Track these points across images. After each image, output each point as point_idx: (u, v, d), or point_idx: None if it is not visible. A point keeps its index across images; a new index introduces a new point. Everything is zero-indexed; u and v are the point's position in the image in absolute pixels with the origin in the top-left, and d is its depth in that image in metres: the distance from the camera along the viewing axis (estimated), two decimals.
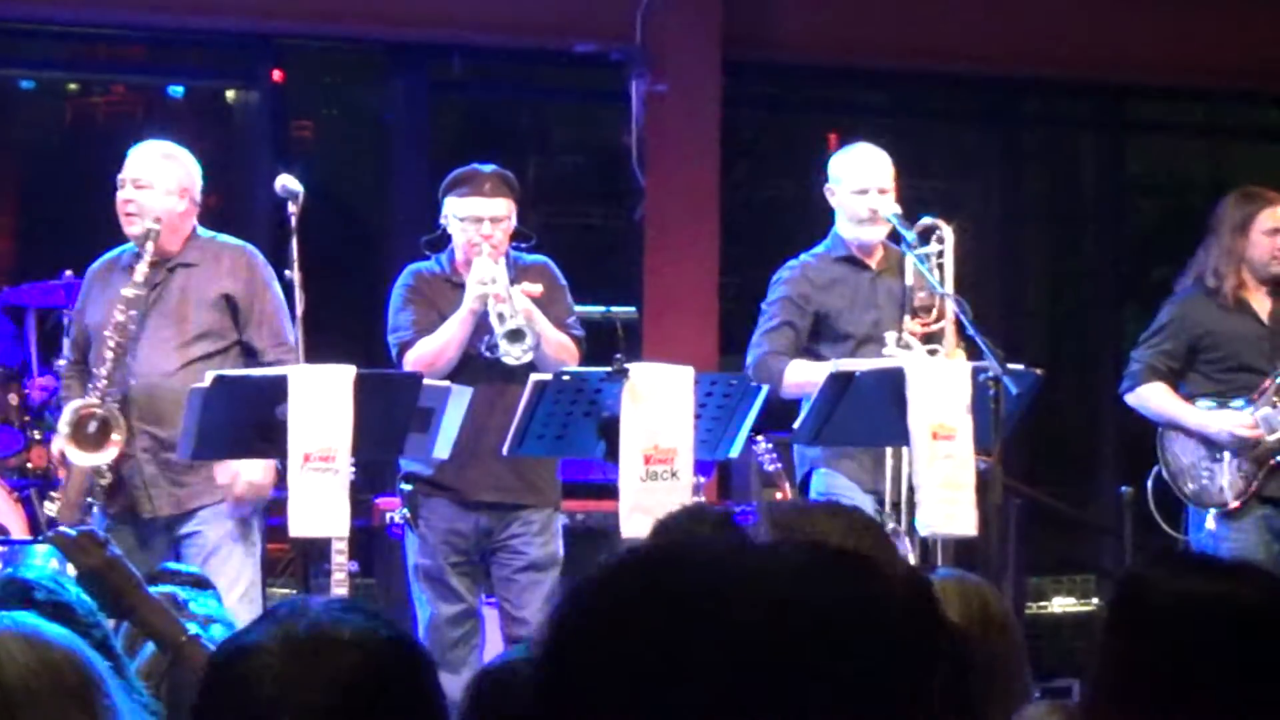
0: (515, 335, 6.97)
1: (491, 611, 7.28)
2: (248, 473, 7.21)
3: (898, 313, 7.30)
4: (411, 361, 7.29)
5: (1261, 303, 7.79)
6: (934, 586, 1.79)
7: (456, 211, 7.40)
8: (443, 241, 7.50)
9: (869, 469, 7.03)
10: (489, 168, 7.53)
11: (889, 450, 7.02)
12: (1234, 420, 7.65)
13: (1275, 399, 7.75)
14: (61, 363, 7.79)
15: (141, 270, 7.19)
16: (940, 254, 7.31)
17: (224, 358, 7.33)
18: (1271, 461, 7.77)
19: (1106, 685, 2.67)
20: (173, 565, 6.34)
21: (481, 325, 7.20)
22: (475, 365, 7.20)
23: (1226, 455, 7.71)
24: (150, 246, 7.19)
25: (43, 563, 5.34)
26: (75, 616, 3.47)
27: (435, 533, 7.28)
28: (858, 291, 7.32)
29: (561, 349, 7.17)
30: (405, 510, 7.48)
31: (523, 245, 7.62)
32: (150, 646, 4.23)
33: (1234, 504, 7.68)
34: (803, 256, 7.53)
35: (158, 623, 4.34)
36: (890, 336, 7.14)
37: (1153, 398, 7.82)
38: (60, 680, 2.75)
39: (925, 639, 1.52)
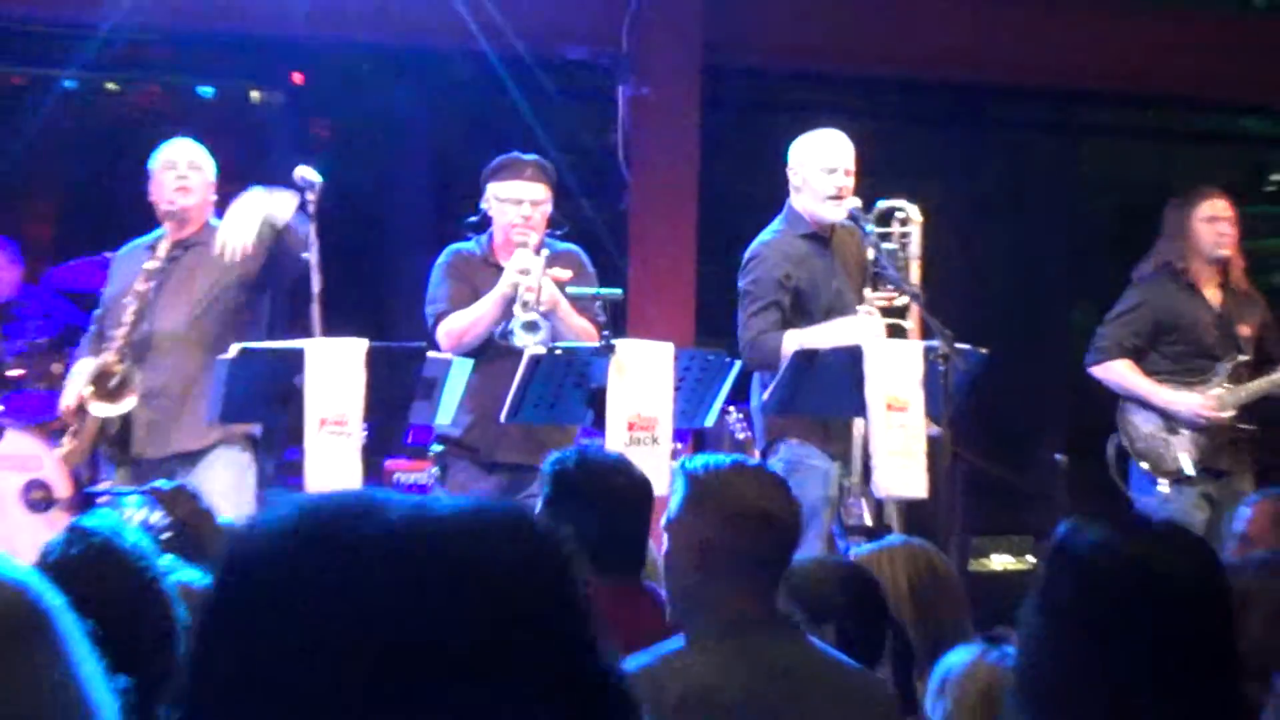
0: (530, 326, 7.07)
1: None
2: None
3: (854, 281, 7.42)
4: (444, 331, 7.41)
5: (1213, 293, 8.11)
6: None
7: (499, 194, 7.51)
8: (482, 225, 7.61)
9: (833, 437, 7.12)
10: (530, 156, 7.65)
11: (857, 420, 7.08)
12: (1198, 402, 7.86)
13: (1228, 383, 7.90)
14: (93, 328, 7.92)
15: (164, 247, 7.53)
16: (905, 235, 7.43)
17: (229, 319, 7.53)
18: (1220, 438, 7.91)
19: (1042, 638, 2.71)
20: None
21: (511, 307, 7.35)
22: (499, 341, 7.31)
23: (1184, 430, 7.91)
24: (183, 222, 7.57)
25: (132, 512, 5.24)
26: (125, 561, 3.46)
27: (460, 489, 7.31)
28: (821, 265, 7.38)
29: (583, 332, 7.26)
30: (436, 469, 7.67)
31: (556, 233, 7.69)
32: (184, 576, 3.86)
33: (1191, 473, 7.86)
34: (768, 235, 7.55)
35: None
36: (862, 309, 7.21)
37: (1123, 373, 8.08)
38: None
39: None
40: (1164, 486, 7.91)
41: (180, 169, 7.65)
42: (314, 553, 1.23)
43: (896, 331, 7.29)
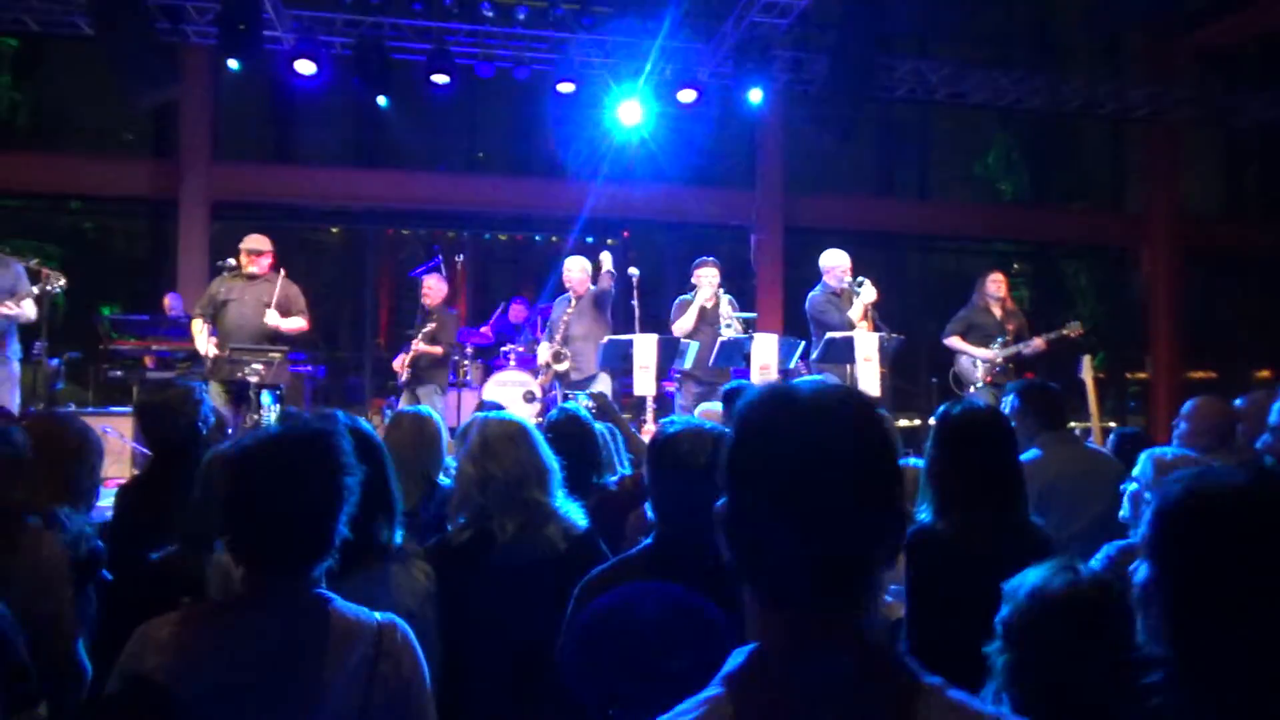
0: (729, 326, 6.96)
1: None
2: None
3: (861, 311, 6.91)
4: (676, 329, 7.06)
5: (999, 310, 7.47)
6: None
7: (701, 275, 7.16)
8: (693, 288, 7.20)
9: (841, 372, 6.57)
10: (711, 258, 7.27)
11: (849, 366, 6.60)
12: (985, 352, 7.38)
13: (997, 347, 7.30)
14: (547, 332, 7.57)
15: (574, 301, 7.30)
16: (862, 287, 6.88)
17: (594, 328, 7.25)
18: (997, 368, 7.41)
19: (934, 458, 2.58)
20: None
21: (705, 315, 7.02)
22: (707, 331, 6.97)
23: (979, 363, 7.42)
24: (578, 291, 7.32)
25: (578, 401, 4.86)
26: (579, 419, 3.27)
27: (690, 395, 6.94)
28: (839, 304, 6.97)
29: (740, 332, 6.95)
30: (677, 381, 7.24)
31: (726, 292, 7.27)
32: (599, 427, 3.53)
33: (982, 384, 7.36)
34: (815, 293, 7.07)
35: (632, 440, 4.02)
36: (861, 326, 6.82)
37: (955, 341, 7.41)
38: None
39: None
40: (972, 389, 7.43)
41: (576, 265, 7.44)
42: (776, 403, 1.01)
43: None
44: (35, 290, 6.00)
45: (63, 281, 6.05)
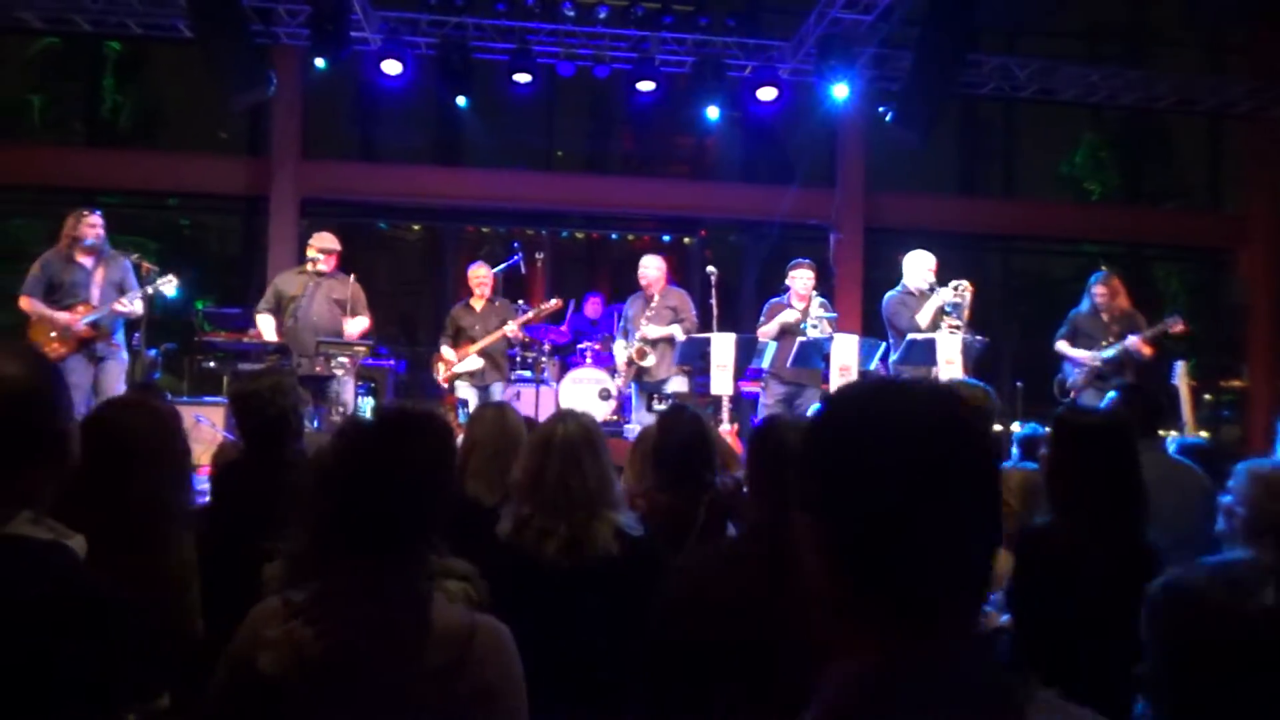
0: (814, 326, 6.88)
1: None
2: None
3: (930, 315, 6.68)
4: (760, 333, 6.99)
5: (1107, 315, 7.22)
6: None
7: (794, 276, 7.11)
8: (786, 289, 7.13)
9: (924, 374, 6.28)
10: (806, 260, 7.20)
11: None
12: (1090, 356, 7.11)
13: (1101, 356, 7.12)
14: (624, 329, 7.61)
15: (648, 298, 7.32)
16: (963, 294, 6.68)
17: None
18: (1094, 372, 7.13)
19: (1054, 460, 2.47)
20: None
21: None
22: (794, 332, 6.88)
23: (1078, 368, 7.16)
24: (650, 289, 7.32)
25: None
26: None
27: (774, 395, 6.92)
28: (915, 305, 6.74)
29: (825, 332, 6.88)
30: (763, 383, 7.14)
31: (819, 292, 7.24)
32: None
33: (1084, 388, 7.09)
34: (894, 293, 6.92)
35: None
36: (945, 325, 6.56)
37: (1064, 347, 7.19)
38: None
39: None
40: (1072, 394, 7.14)
41: (653, 264, 7.34)
42: (880, 397, 0.96)
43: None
44: (150, 290, 6.33)
45: (173, 283, 6.37)
